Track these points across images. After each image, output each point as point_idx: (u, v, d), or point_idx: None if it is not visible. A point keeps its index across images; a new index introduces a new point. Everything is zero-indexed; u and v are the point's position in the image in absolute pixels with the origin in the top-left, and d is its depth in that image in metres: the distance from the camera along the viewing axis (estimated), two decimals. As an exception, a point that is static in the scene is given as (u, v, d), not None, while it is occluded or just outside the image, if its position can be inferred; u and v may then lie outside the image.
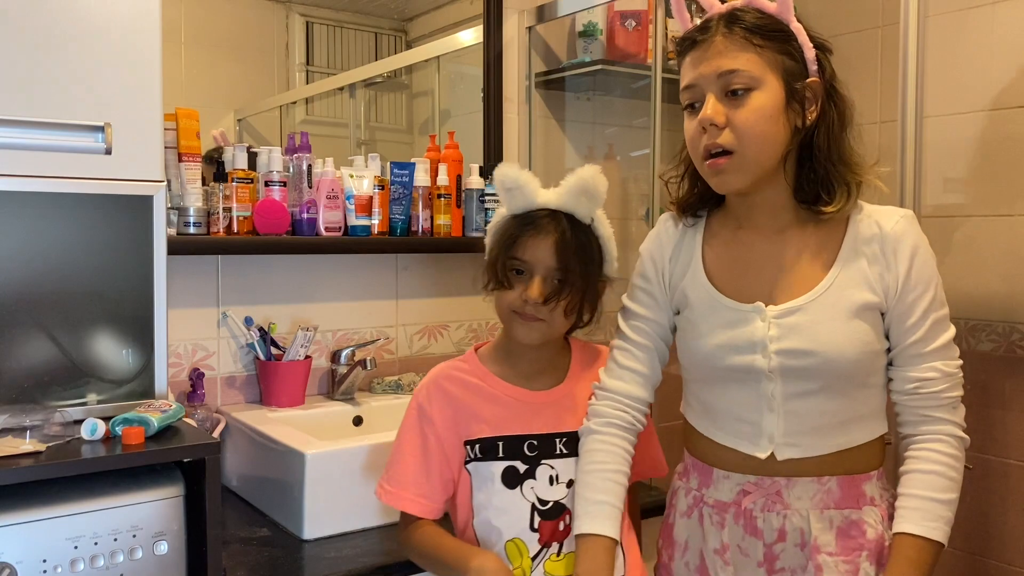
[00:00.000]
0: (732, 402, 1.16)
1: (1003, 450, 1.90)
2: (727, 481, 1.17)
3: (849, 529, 1.13)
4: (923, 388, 1.13)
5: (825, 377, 1.11)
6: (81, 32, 1.21)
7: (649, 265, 1.25)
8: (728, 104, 1.10)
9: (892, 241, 1.12)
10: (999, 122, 1.90)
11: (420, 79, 2.11)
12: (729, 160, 1.10)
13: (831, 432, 1.13)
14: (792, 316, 1.12)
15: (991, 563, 1.93)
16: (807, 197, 1.14)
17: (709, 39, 1.11)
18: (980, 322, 1.93)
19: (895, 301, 1.12)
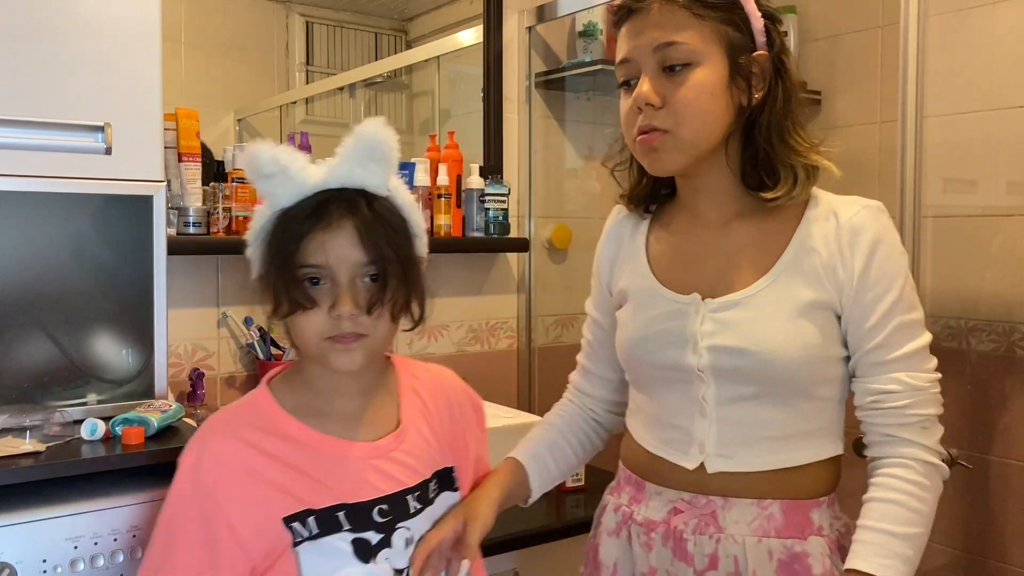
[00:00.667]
0: (664, 406, 1.06)
1: (1003, 450, 1.90)
2: (659, 497, 1.05)
3: (792, 563, 0.99)
4: (883, 403, 1.00)
5: (762, 381, 0.99)
6: (81, 32, 1.21)
7: (596, 261, 1.19)
8: (666, 80, 0.98)
9: (848, 233, 0.99)
10: (999, 122, 1.90)
11: (420, 79, 2.11)
12: (662, 138, 0.98)
13: (770, 446, 1.00)
14: (729, 311, 1.00)
15: (991, 563, 1.93)
16: (752, 183, 1.03)
17: (645, 7, 0.99)
18: (980, 322, 1.93)
19: (851, 301, 0.99)
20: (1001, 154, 1.90)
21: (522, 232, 2.16)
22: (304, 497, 0.94)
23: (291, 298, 0.93)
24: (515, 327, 2.18)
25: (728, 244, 1.04)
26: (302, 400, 0.99)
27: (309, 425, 0.97)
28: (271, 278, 0.94)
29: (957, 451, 1.69)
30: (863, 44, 2.19)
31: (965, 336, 1.95)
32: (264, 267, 0.96)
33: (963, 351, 1.96)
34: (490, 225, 2.00)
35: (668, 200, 1.13)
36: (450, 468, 1.05)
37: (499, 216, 2.00)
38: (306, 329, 0.94)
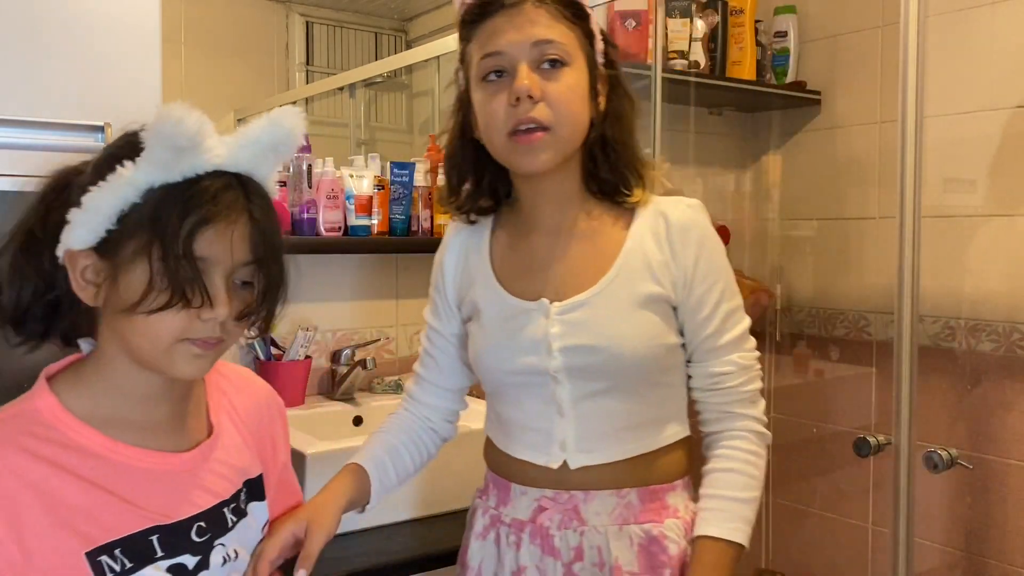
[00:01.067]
0: (522, 411, 1.09)
1: (1003, 450, 1.90)
2: (524, 497, 1.09)
3: (650, 545, 1.04)
4: (721, 383, 1.07)
5: (614, 375, 1.04)
6: (81, 32, 1.21)
7: (435, 273, 1.18)
8: (541, 76, 1.00)
9: (679, 231, 1.05)
10: (999, 122, 1.90)
11: (420, 79, 2.11)
12: (544, 137, 0.99)
13: (625, 436, 1.06)
14: (576, 312, 1.04)
15: (991, 563, 1.93)
16: (603, 188, 1.08)
17: (516, 5, 1.01)
18: (980, 322, 1.93)
19: (685, 294, 1.06)
20: (1001, 154, 1.90)
21: (522, 232, 2.16)
22: (110, 523, 0.81)
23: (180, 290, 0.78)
24: (515, 327, 2.18)
25: (567, 248, 1.08)
26: (98, 406, 0.85)
27: (110, 436, 0.83)
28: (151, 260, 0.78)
29: (957, 451, 1.69)
30: (863, 44, 2.19)
31: (965, 336, 1.95)
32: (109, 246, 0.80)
33: (963, 351, 1.96)
34: (490, 225, 2.00)
35: (501, 206, 1.14)
36: (260, 475, 0.97)
37: (499, 216, 2.00)
38: (163, 328, 0.80)
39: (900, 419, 1.50)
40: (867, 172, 2.19)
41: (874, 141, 2.18)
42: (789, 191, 2.40)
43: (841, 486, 2.24)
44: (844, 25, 2.24)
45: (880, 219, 2.16)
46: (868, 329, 2.17)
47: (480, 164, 1.09)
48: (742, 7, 2.26)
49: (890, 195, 1.48)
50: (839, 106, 2.26)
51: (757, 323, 2.42)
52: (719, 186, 2.48)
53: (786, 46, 2.32)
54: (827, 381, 2.29)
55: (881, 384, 2.14)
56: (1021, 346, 1.87)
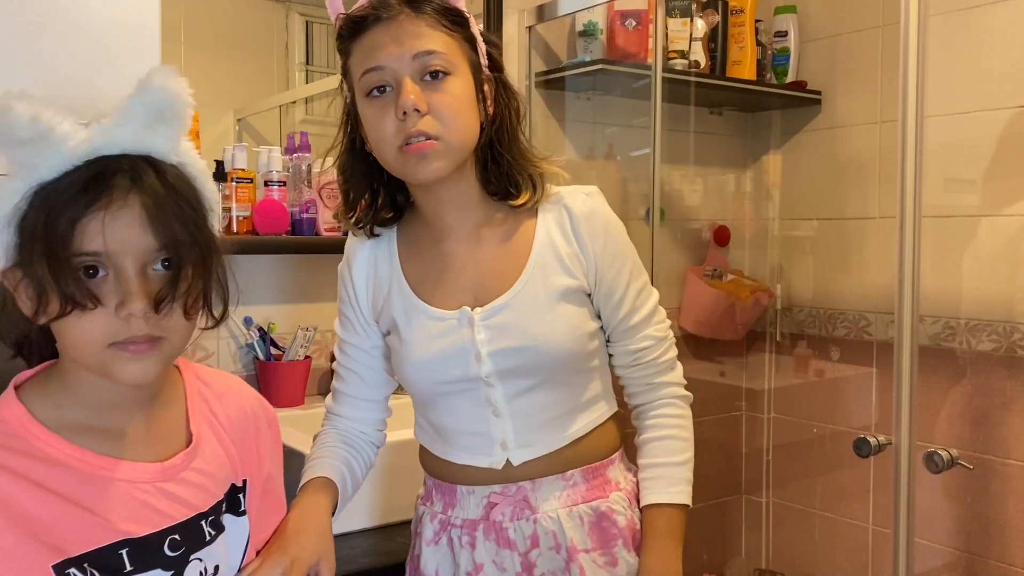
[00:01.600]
0: (458, 418, 1.09)
1: (1003, 450, 1.90)
2: (472, 496, 1.09)
3: (600, 521, 1.08)
4: (641, 358, 1.12)
5: (542, 371, 1.06)
6: (81, 32, 1.21)
7: (342, 288, 1.16)
8: (425, 88, 1.00)
9: (582, 221, 1.08)
10: (999, 122, 1.90)
11: (420, 79, 2.11)
12: (434, 146, 1.00)
13: (560, 423, 1.09)
14: (499, 315, 1.05)
15: (991, 563, 1.93)
16: (495, 191, 1.09)
17: (392, 18, 1.00)
18: (980, 322, 1.93)
19: (596, 280, 1.08)
20: (1001, 154, 1.90)
21: (522, 232, 2.16)
22: (77, 536, 0.78)
23: (65, 295, 0.74)
24: (515, 327, 2.18)
25: (478, 252, 1.09)
26: (66, 414, 0.81)
27: (79, 445, 0.80)
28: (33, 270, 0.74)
29: (957, 451, 1.69)
30: (863, 44, 2.19)
31: (965, 336, 1.95)
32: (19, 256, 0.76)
33: (963, 351, 1.96)
34: (490, 225, 2.00)
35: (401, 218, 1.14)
36: (241, 486, 0.93)
37: (499, 216, 2.00)
38: (83, 334, 0.76)
39: (900, 419, 1.50)
40: (867, 172, 2.19)
41: (874, 141, 2.18)
42: (789, 191, 2.40)
43: (841, 486, 2.24)
44: (844, 25, 2.24)
45: (880, 219, 2.16)
46: (868, 329, 2.18)
47: (374, 176, 1.09)
48: (742, 7, 2.26)
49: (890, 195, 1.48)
50: (839, 106, 2.26)
51: (757, 323, 2.43)
52: (719, 186, 2.48)
53: (786, 46, 2.32)
54: (827, 381, 2.29)
55: (881, 384, 2.14)
56: (1021, 346, 1.87)
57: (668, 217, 2.32)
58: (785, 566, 2.40)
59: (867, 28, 2.18)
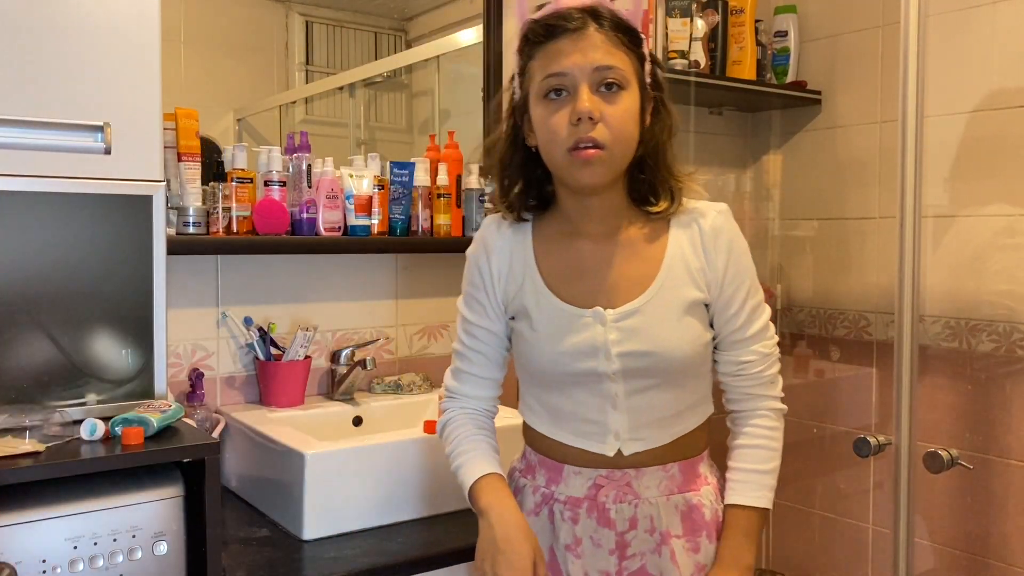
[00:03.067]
0: (577, 404, 1.18)
1: (1003, 450, 1.90)
2: (578, 477, 1.19)
3: (691, 512, 1.19)
4: (746, 370, 1.21)
5: (663, 373, 1.16)
6: (81, 32, 1.21)
7: (476, 274, 1.24)
8: (600, 99, 1.09)
9: (711, 237, 1.17)
10: (999, 122, 1.90)
11: (420, 79, 2.11)
12: (599, 154, 1.09)
13: (670, 422, 1.19)
14: (630, 319, 1.15)
15: (991, 563, 1.93)
16: (638, 201, 1.19)
17: (580, 29, 1.09)
18: (980, 322, 1.93)
19: (716, 293, 1.18)
20: (1001, 154, 1.90)
21: (522, 232, 2.16)
22: None
23: None
24: (515, 327, 2.18)
25: (613, 256, 1.18)
26: None
27: None
28: None
29: (957, 451, 1.69)
30: (863, 44, 2.19)
31: (965, 336, 1.95)
32: None
33: (963, 351, 1.96)
34: (490, 225, 2.00)
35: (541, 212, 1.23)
36: None
37: (499, 216, 2.00)
38: None
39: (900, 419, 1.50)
40: (867, 172, 2.19)
41: (874, 141, 2.18)
42: (789, 191, 2.40)
43: (841, 486, 2.24)
44: (844, 25, 2.23)
45: (880, 219, 2.16)
46: (868, 329, 2.17)
47: (530, 168, 1.19)
48: (742, 7, 2.25)
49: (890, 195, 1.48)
50: (839, 106, 2.26)
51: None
52: (719, 186, 2.48)
53: (786, 46, 2.31)
54: (827, 381, 2.29)
55: (881, 384, 2.14)
56: (1021, 346, 1.87)
57: (668, 217, 2.32)
58: (785, 566, 2.40)
59: (867, 28, 2.18)
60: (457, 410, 1.27)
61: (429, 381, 1.96)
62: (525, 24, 1.15)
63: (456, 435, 1.24)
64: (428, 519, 1.53)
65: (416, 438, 1.55)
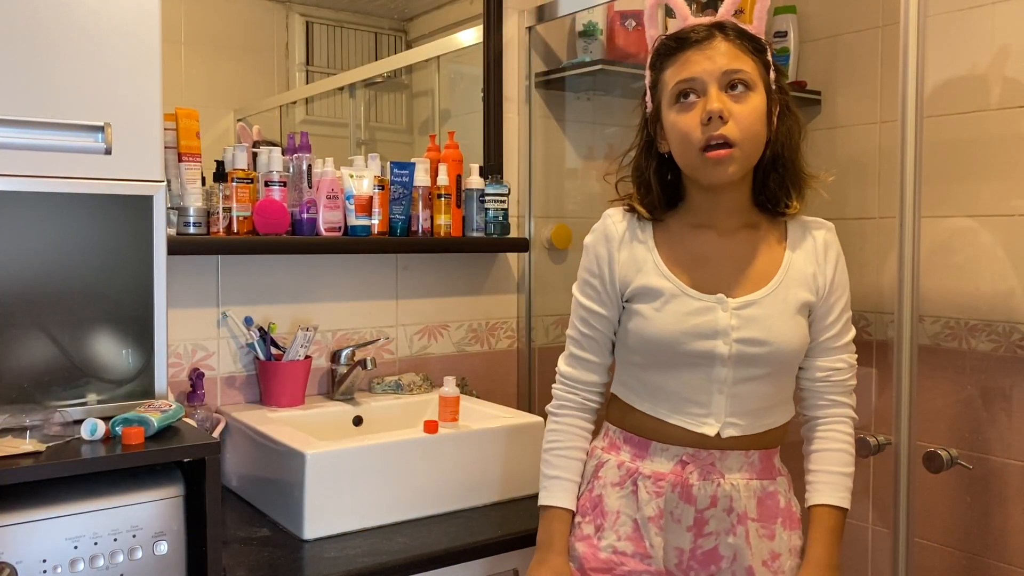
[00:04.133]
0: (683, 385, 1.24)
1: (1003, 450, 1.90)
2: (665, 453, 1.26)
3: (767, 499, 1.27)
4: (833, 376, 1.30)
5: (770, 365, 1.24)
6: (81, 32, 1.21)
7: (595, 262, 1.30)
8: (729, 100, 1.17)
9: (823, 248, 1.28)
10: (999, 122, 1.90)
11: (420, 79, 2.11)
12: (731, 152, 1.17)
13: (765, 413, 1.26)
14: (749, 308, 1.23)
15: (991, 563, 1.93)
16: (767, 200, 1.27)
17: (709, 41, 1.19)
18: (980, 322, 1.93)
19: (822, 300, 1.28)
20: (1001, 154, 1.90)
21: (522, 232, 2.16)
22: None
23: None
24: (515, 327, 2.18)
25: (735, 251, 1.26)
26: None
27: None
28: None
29: (957, 451, 1.69)
30: (863, 44, 2.19)
31: (965, 336, 1.95)
32: None
33: (963, 351, 1.96)
34: (490, 225, 2.00)
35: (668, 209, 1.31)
36: None
37: (499, 216, 2.00)
38: None
39: (900, 419, 1.50)
40: (867, 172, 2.19)
41: (874, 141, 2.18)
42: (789, 191, 2.40)
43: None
44: (844, 25, 2.23)
45: (880, 219, 2.16)
46: (868, 329, 2.17)
47: (663, 173, 1.28)
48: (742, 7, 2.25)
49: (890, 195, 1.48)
50: (839, 106, 2.26)
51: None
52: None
53: (786, 46, 2.31)
54: (827, 381, 2.29)
55: (881, 384, 2.14)
56: (1021, 346, 1.87)
57: (668, 217, 2.32)
58: (785, 566, 2.40)
59: (867, 28, 2.18)
60: (568, 404, 1.33)
61: (429, 381, 1.96)
62: (656, 40, 1.26)
63: (557, 440, 1.32)
64: (428, 519, 1.53)
65: (416, 438, 1.55)
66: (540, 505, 1.30)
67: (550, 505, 1.29)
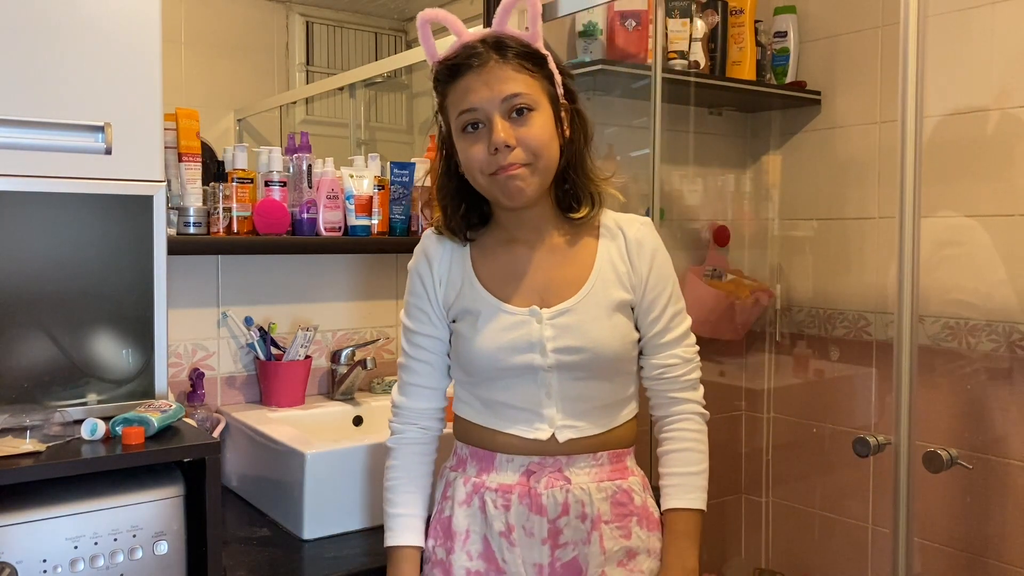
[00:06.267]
0: (512, 395, 1.23)
1: (1003, 450, 1.90)
2: (510, 464, 1.23)
3: (620, 497, 1.24)
4: (667, 373, 1.28)
5: (593, 367, 1.22)
6: (81, 32, 1.21)
7: (419, 284, 1.29)
8: (513, 124, 1.16)
9: (635, 245, 1.26)
10: (999, 122, 1.90)
11: (420, 79, 2.11)
12: (523, 170, 1.16)
13: (601, 413, 1.25)
14: (563, 317, 1.22)
15: (991, 563, 1.93)
16: (563, 207, 1.26)
17: (483, 64, 1.17)
18: (980, 322, 1.93)
19: (640, 297, 1.26)
20: (1001, 154, 1.90)
21: (522, 232, 2.16)
22: None
23: None
24: (515, 327, 2.18)
25: (546, 260, 1.25)
26: None
27: None
28: None
29: (957, 451, 1.69)
30: (863, 44, 2.19)
31: (965, 336, 1.95)
32: None
33: (963, 351, 1.96)
34: (490, 225, 2.00)
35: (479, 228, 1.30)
36: None
37: (499, 216, 2.00)
38: None
39: (900, 419, 1.50)
40: (867, 172, 2.19)
41: (874, 141, 2.18)
42: (789, 191, 2.40)
43: (841, 486, 2.24)
44: (844, 25, 2.24)
45: (880, 219, 2.16)
46: (868, 329, 2.18)
47: (465, 193, 1.25)
48: (742, 7, 2.26)
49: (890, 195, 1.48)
50: (839, 106, 2.26)
51: (757, 323, 2.43)
52: (719, 186, 2.48)
53: (786, 46, 2.32)
54: (827, 381, 2.29)
55: (881, 384, 2.14)
56: (1021, 346, 1.87)
57: (668, 217, 2.33)
58: (785, 566, 2.41)
59: (867, 28, 2.18)
60: (405, 438, 1.29)
61: (429, 381, 1.96)
62: (434, 66, 1.23)
63: (397, 478, 1.27)
64: (428, 519, 1.53)
65: (416, 438, 1.55)
66: (387, 547, 1.25)
67: (397, 545, 1.24)
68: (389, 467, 1.28)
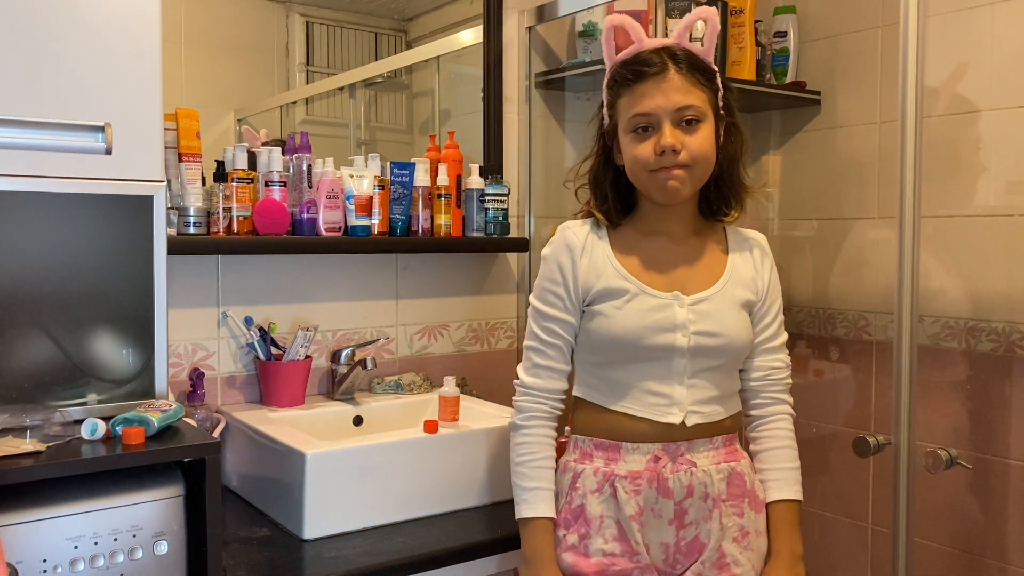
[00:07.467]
0: (645, 377, 1.32)
1: (1003, 450, 1.90)
2: (636, 452, 1.32)
3: (734, 478, 1.35)
4: (772, 375, 1.41)
5: (723, 355, 1.34)
6: (81, 32, 1.21)
7: (557, 270, 1.36)
8: (681, 132, 1.28)
9: (761, 255, 1.42)
10: (999, 122, 1.90)
11: (420, 79, 2.11)
12: (682, 173, 1.28)
13: (720, 402, 1.35)
14: (702, 304, 1.33)
15: (991, 563, 1.93)
16: (710, 210, 1.39)
17: (664, 74, 1.28)
18: (980, 322, 1.93)
19: (760, 302, 1.39)
20: (1001, 154, 1.90)
21: (522, 232, 2.16)
22: None
23: None
24: (515, 327, 2.18)
25: (687, 254, 1.37)
26: None
27: None
28: None
29: (957, 451, 1.69)
30: (863, 44, 2.19)
31: (965, 336, 1.95)
32: None
33: (963, 351, 1.96)
34: (490, 225, 2.00)
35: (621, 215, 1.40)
36: None
37: (499, 216, 2.00)
38: None
39: (900, 419, 1.50)
40: (867, 172, 2.19)
41: (874, 141, 2.18)
42: (789, 191, 2.40)
43: (841, 486, 2.24)
44: (844, 25, 2.24)
45: (880, 219, 2.16)
46: (868, 329, 2.18)
47: (617, 184, 1.38)
48: (742, 7, 2.25)
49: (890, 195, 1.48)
50: (839, 106, 2.26)
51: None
52: (719, 186, 2.47)
53: (786, 46, 2.32)
54: (827, 381, 2.29)
55: (881, 384, 2.14)
56: (1021, 346, 1.87)
57: (668, 217, 2.32)
58: (785, 566, 2.40)
59: (867, 28, 2.18)
60: (535, 416, 1.36)
61: (429, 381, 1.97)
62: (612, 67, 1.34)
63: (529, 452, 1.35)
64: (428, 519, 1.54)
65: (416, 438, 1.56)
66: (521, 518, 1.33)
67: (533, 517, 1.32)
68: (520, 443, 1.36)
